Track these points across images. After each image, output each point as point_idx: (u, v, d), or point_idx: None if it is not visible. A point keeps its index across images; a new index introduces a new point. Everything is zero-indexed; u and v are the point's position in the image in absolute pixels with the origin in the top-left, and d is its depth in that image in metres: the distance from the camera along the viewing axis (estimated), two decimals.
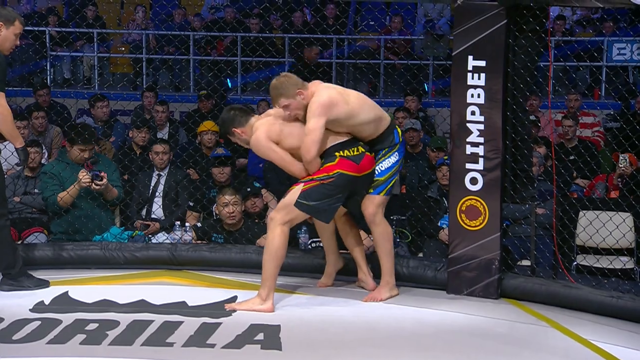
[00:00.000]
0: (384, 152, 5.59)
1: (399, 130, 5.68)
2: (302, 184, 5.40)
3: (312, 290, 5.83)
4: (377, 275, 5.79)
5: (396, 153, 5.62)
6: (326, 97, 5.37)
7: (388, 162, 5.60)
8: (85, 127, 7.18)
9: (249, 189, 6.97)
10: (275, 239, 5.34)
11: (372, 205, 5.58)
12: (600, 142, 9.79)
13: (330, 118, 5.36)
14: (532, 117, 8.51)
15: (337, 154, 5.42)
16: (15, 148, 5.69)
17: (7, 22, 5.57)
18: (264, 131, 5.46)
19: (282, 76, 5.51)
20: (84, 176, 6.63)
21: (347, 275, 5.91)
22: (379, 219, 5.60)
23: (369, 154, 5.52)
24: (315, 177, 5.39)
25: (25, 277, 5.76)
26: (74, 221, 6.78)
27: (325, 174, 5.38)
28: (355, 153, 5.46)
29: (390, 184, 5.61)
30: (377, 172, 5.57)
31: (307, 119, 5.38)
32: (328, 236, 5.81)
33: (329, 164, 5.41)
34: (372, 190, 5.57)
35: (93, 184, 6.64)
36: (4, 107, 5.51)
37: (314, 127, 5.33)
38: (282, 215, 5.37)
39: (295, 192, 5.39)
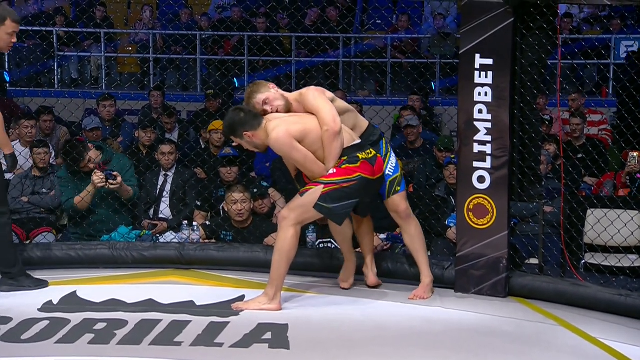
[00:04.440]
0: (383, 153, 5.58)
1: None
2: (322, 186, 5.25)
3: (319, 289, 5.83)
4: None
5: (392, 152, 5.68)
6: (313, 87, 5.46)
7: (393, 158, 5.65)
8: (74, 147, 6.81)
9: (255, 190, 6.94)
10: (287, 239, 5.24)
11: (403, 200, 5.62)
12: (607, 140, 9.76)
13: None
14: (546, 117, 8.51)
15: (359, 155, 5.32)
16: (3, 154, 5.59)
17: None
18: (286, 129, 5.25)
19: (250, 85, 5.55)
20: (97, 177, 6.59)
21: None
22: (411, 212, 5.67)
23: (379, 156, 5.47)
24: (334, 179, 5.25)
25: (24, 276, 5.73)
26: (98, 220, 6.77)
27: (347, 177, 5.27)
28: (370, 156, 5.38)
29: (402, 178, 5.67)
30: (391, 171, 5.58)
31: (312, 107, 5.33)
32: (348, 239, 5.71)
33: (350, 166, 5.28)
34: (399, 188, 5.59)
35: (108, 184, 6.59)
36: None
37: (325, 103, 5.31)
38: (296, 215, 5.26)
39: (313, 193, 5.26)
